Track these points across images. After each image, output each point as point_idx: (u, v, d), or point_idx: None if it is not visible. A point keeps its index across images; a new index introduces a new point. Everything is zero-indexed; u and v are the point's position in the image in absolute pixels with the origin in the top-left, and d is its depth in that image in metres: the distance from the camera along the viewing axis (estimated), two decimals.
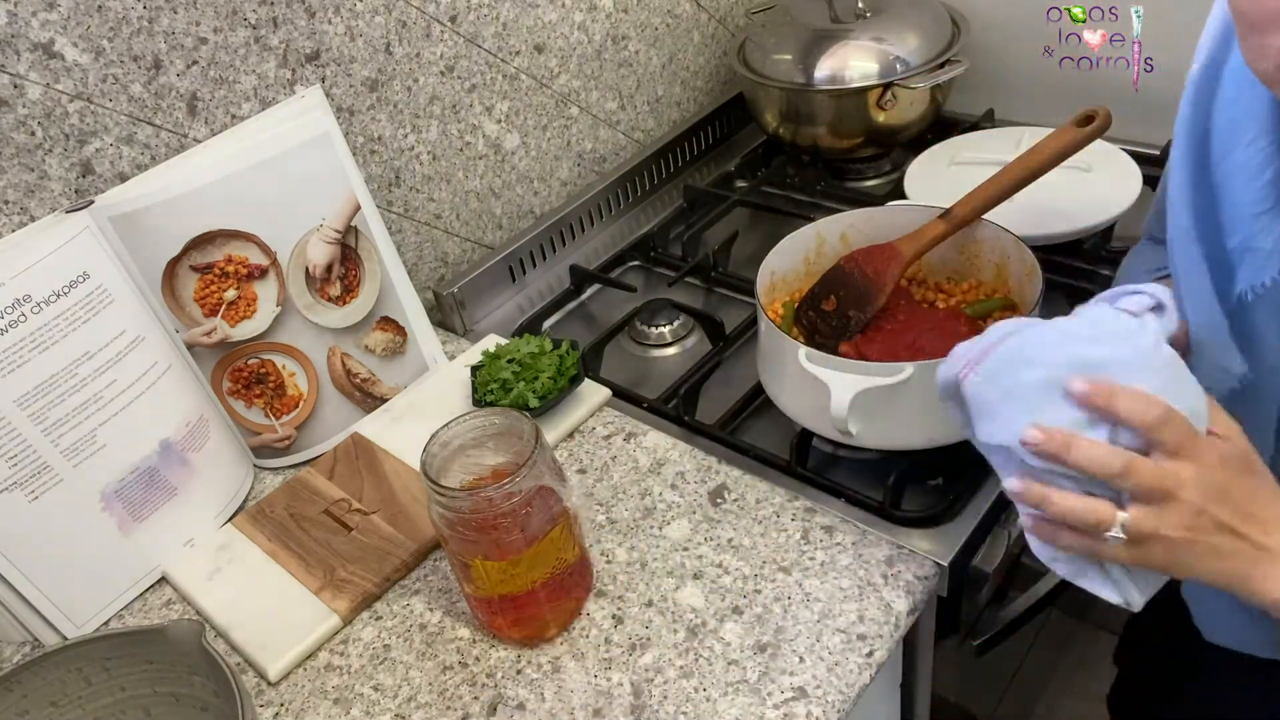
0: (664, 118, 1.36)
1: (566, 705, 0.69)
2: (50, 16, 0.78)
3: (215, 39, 0.88)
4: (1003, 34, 1.24)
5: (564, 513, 0.70)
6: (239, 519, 0.88)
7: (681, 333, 1.06)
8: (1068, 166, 0.84)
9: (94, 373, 0.77)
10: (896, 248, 0.87)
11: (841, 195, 1.24)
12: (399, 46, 1.01)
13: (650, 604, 0.75)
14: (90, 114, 0.82)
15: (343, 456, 0.92)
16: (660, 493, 0.84)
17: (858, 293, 0.87)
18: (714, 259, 1.12)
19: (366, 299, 0.93)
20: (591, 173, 1.29)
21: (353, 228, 0.91)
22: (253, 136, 0.84)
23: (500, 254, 1.15)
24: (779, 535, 0.79)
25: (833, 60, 1.18)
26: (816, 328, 0.88)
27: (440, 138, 1.09)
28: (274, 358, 0.90)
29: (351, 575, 0.80)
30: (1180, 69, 0.80)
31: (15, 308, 0.72)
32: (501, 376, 0.91)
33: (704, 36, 1.37)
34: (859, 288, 0.87)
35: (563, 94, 1.20)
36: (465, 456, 0.71)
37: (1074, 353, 0.52)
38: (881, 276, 0.86)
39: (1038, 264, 0.82)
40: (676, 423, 0.93)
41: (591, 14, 1.19)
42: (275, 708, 0.73)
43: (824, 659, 0.69)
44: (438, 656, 0.75)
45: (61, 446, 0.76)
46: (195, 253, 0.83)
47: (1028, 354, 0.53)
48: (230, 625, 0.79)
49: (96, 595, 0.81)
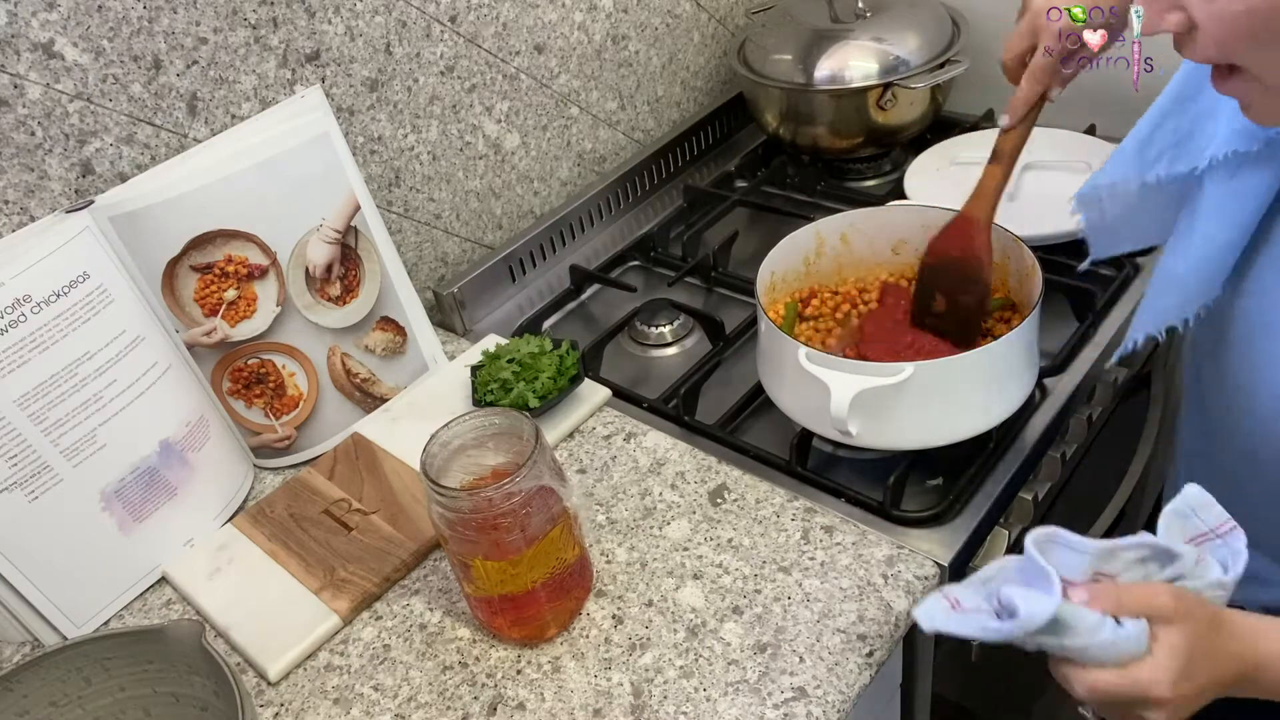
0: (664, 118, 1.36)
1: (566, 705, 0.69)
2: (50, 16, 0.78)
3: (215, 39, 0.88)
4: (1003, 34, 1.24)
5: (564, 513, 0.70)
6: (239, 519, 0.88)
7: (681, 333, 1.06)
8: (1068, 167, 0.84)
9: (94, 373, 0.77)
10: (970, 216, 0.84)
11: (841, 195, 1.24)
12: (399, 46, 1.01)
13: (650, 604, 0.75)
14: (90, 114, 0.82)
15: (343, 456, 0.92)
16: (660, 493, 0.84)
17: (960, 280, 0.84)
18: (714, 259, 1.12)
19: (366, 299, 0.93)
20: (591, 173, 1.29)
21: (353, 228, 0.91)
22: (253, 136, 0.84)
23: (500, 254, 1.15)
24: (779, 535, 0.79)
25: (833, 60, 1.18)
26: (947, 333, 0.86)
27: (440, 138, 1.09)
28: (274, 358, 0.90)
29: (351, 575, 0.80)
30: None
31: (15, 308, 0.72)
32: (501, 376, 0.91)
33: (704, 36, 1.37)
34: (957, 274, 0.84)
35: (563, 94, 1.20)
36: (465, 456, 0.71)
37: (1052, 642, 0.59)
38: (972, 249, 0.83)
39: (1038, 264, 0.82)
40: (676, 423, 0.93)
41: (591, 14, 1.19)
42: (275, 708, 0.73)
43: (824, 659, 0.69)
44: (438, 656, 0.75)
45: (61, 446, 0.76)
46: (195, 253, 0.83)
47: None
48: (230, 625, 0.79)
49: (96, 595, 0.81)
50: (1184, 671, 0.58)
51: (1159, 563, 0.60)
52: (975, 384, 0.78)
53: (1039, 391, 0.90)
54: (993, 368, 0.78)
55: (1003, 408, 0.80)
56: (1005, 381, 0.80)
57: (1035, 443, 0.86)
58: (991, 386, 0.79)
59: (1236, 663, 0.59)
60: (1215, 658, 0.59)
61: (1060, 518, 1.00)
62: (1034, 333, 0.81)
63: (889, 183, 1.26)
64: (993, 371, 0.78)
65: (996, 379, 0.79)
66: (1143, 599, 0.58)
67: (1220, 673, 0.59)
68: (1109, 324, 0.96)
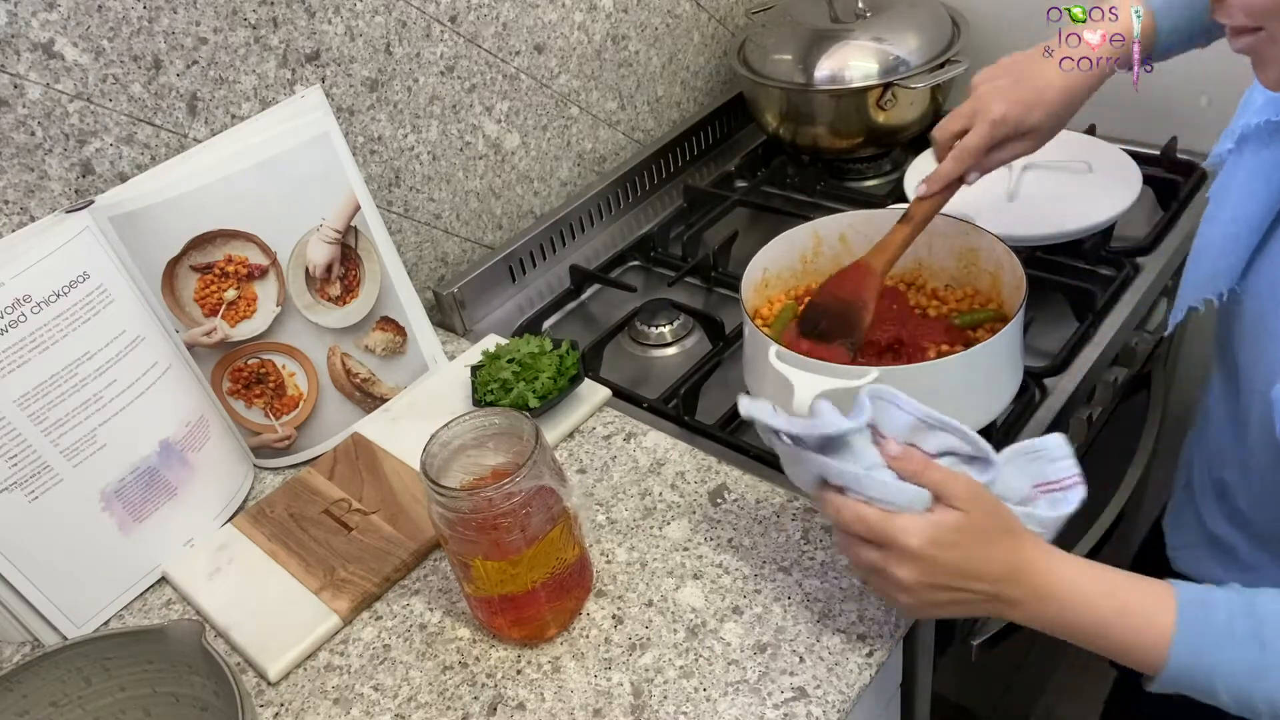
0: (664, 118, 1.36)
1: (566, 705, 0.69)
2: (50, 16, 0.78)
3: (215, 39, 0.88)
4: (1003, 34, 1.24)
5: (564, 513, 0.70)
6: (239, 519, 0.88)
7: (681, 333, 1.06)
8: (1068, 167, 0.84)
9: (94, 373, 0.77)
10: (866, 265, 0.84)
11: (841, 195, 1.24)
12: (399, 46, 1.01)
13: (650, 604, 0.75)
14: (90, 114, 0.82)
15: (343, 456, 0.92)
16: (660, 493, 0.84)
17: (841, 320, 0.84)
18: (714, 259, 1.12)
19: (366, 299, 0.93)
20: (591, 173, 1.29)
21: (353, 228, 0.91)
22: (253, 136, 0.84)
23: (500, 254, 1.15)
24: (779, 535, 0.79)
25: (833, 60, 1.18)
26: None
27: (440, 138, 1.09)
28: (274, 358, 0.90)
29: (351, 575, 0.80)
30: (1179, 69, 0.81)
31: (15, 308, 0.72)
32: (501, 376, 0.91)
33: (704, 36, 1.37)
34: (840, 315, 0.84)
35: (563, 94, 1.20)
36: (465, 456, 0.71)
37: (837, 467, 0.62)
38: (860, 295, 0.83)
39: (1025, 278, 0.82)
40: (676, 423, 0.93)
41: (591, 14, 1.19)
42: (275, 708, 0.73)
43: (824, 659, 0.69)
44: (438, 656, 0.75)
45: (61, 446, 0.76)
46: (195, 253, 0.83)
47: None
48: (230, 625, 0.79)
49: (96, 595, 0.81)
50: (945, 540, 0.60)
51: (977, 469, 0.63)
52: (953, 389, 0.77)
53: (1039, 391, 0.90)
54: (967, 375, 0.78)
55: (978, 416, 0.80)
56: (980, 389, 0.79)
57: None
58: (966, 393, 0.79)
59: (1011, 559, 0.60)
60: (988, 546, 0.60)
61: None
62: (1017, 343, 0.80)
63: (889, 183, 1.26)
64: (967, 379, 0.78)
65: (972, 386, 0.79)
66: (944, 480, 0.61)
67: (987, 560, 0.60)
68: (1109, 324, 0.96)
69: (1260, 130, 0.64)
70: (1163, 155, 1.14)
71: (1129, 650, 0.60)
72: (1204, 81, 1.08)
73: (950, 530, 0.60)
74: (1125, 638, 0.60)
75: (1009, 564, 0.60)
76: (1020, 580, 0.60)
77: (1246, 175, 0.65)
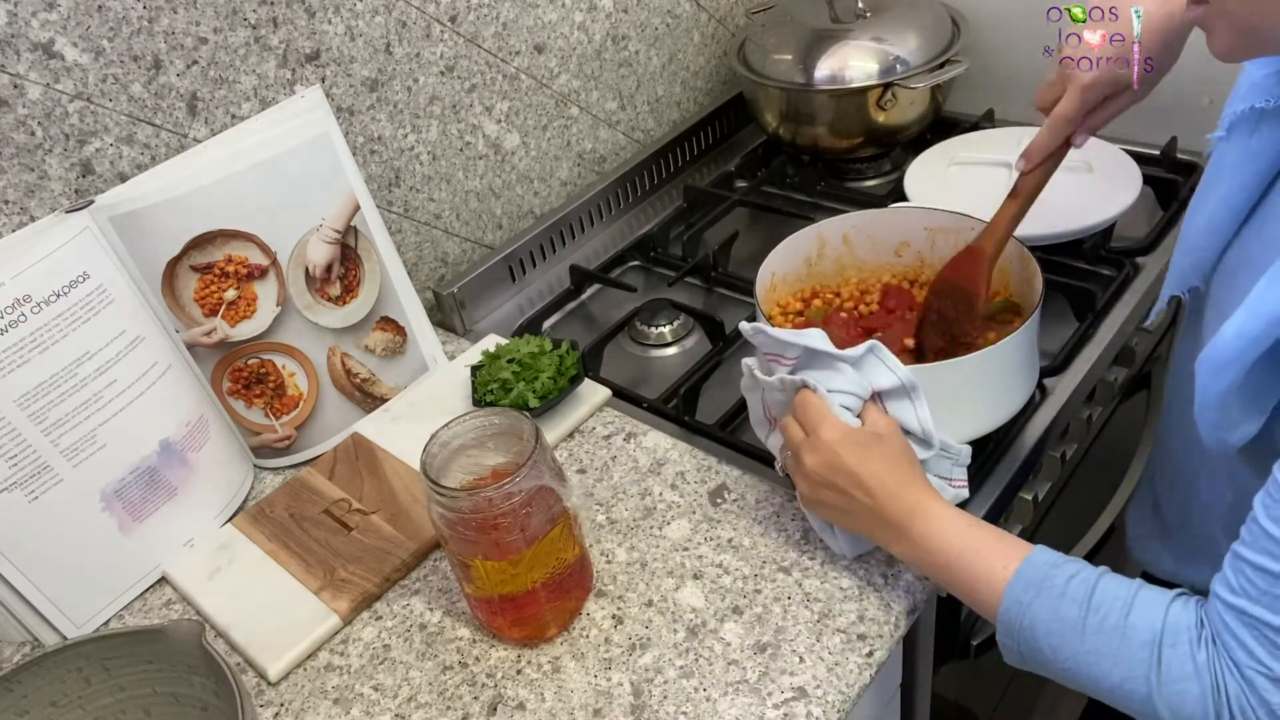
0: (664, 118, 1.36)
1: (566, 705, 0.69)
2: (50, 16, 0.78)
3: (215, 39, 0.88)
4: (1003, 34, 1.24)
5: (564, 513, 0.70)
6: (239, 519, 0.88)
7: (681, 333, 1.06)
8: (1068, 167, 0.84)
9: (94, 373, 0.77)
10: (979, 249, 0.84)
11: (841, 195, 1.24)
12: (399, 46, 1.01)
13: (650, 604, 0.75)
14: (90, 114, 0.82)
15: (343, 456, 0.92)
16: (660, 493, 0.84)
17: (961, 305, 0.83)
18: (714, 259, 1.12)
19: (366, 299, 0.93)
20: (591, 173, 1.29)
21: (352, 228, 0.91)
22: (253, 136, 0.84)
23: (500, 254, 1.15)
24: (779, 535, 0.79)
25: (833, 60, 1.18)
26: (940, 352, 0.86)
27: (440, 138, 1.09)
28: (274, 358, 0.90)
29: (351, 575, 0.80)
30: (1179, 69, 0.80)
31: (15, 308, 0.72)
32: (501, 376, 0.91)
33: (704, 36, 1.37)
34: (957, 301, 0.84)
35: (563, 94, 1.20)
36: (465, 456, 0.71)
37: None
38: (974, 281, 0.83)
39: (1039, 270, 0.81)
40: (676, 423, 0.93)
41: (591, 14, 1.19)
42: (275, 708, 0.73)
43: (824, 659, 0.69)
44: (438, 656, 0.75)
45: (61, 446, 0.76)
46: (195, 253, 0.83)
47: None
48: (230, 625, 0.79)
49: (96, 595, 0.81)
50: (853, 443, 0.67)
51: (919, 446, 0.72)
52: (975, 388, 0.78)
53: (1039, 391, 0.90)
54: (988, 373, 0.78)
55: (1000, 413, 0.80)
56: (1002, 387, 0.79)
57: (1035, 443, 0.86)
58: (988, 391, 0.79)
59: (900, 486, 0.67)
60: (887, 467, 0.67)
61: (1060, 517, 1.00)
62: (1033, 338, 0.80)
63: (889, 183, 1.26)
64: (988, 377, 0.78)
65: (994, 384, 0.79)
66: (882, 414, 0.70)
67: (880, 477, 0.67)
68: (1109, 324, 0.96)
69: (1245, 116, 0.64)
70: (1163, 155, 1.14)
71: (973, 587, 0.64)
72: (1205, 82, 1.08)
73: (862, 440, 0.68)
74: (970, 573, 0.64)
75: (898, 487, 0.67)
76: (900, 503, 0.66)
77: (1233, 160, 0.65)
